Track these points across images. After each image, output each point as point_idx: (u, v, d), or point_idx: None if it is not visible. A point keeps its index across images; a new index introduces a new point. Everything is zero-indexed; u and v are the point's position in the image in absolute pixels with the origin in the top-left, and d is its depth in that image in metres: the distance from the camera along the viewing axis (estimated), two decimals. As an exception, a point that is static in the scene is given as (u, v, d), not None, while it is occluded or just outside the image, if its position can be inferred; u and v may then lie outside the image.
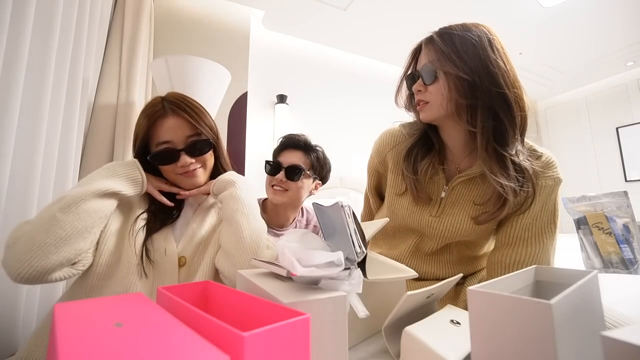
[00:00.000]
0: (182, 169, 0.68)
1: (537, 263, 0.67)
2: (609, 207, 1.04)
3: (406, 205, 0.77)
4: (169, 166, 0.69)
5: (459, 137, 0.71)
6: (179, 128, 0.68)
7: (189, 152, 0.68)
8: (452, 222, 0.72)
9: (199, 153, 0.70)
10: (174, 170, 0.69)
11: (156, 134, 0.68)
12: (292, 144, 1.10)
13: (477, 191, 0.71)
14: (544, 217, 0.69)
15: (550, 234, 0.69)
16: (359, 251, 0.44)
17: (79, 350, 0.19)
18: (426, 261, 0.80)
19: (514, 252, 0.69)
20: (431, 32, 0.71)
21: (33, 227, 0.52)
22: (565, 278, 0.39)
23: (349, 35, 2.62)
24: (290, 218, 1.14)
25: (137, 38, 1.52)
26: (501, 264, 0.69)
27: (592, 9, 2.36)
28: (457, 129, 0.71)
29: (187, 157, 0.68)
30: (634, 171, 3.33)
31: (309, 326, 0.26)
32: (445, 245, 0.77)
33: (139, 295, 0.32)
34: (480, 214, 0.69)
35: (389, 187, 0.82)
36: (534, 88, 3.72)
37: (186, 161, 0.67)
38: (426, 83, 0.69)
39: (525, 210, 0.68)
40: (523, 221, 0.69)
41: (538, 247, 0.68)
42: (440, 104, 0.67)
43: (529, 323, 0.27)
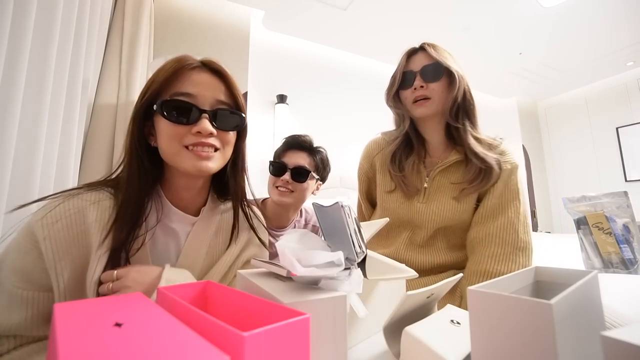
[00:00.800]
0: (196, 137, 0.50)
1: (504, 233, 0.77)
2: (609, 207, 1.04)
3: (396, 200, 0.87)
4: (179, 127, 0.50)
5: (439, 134, 0.85)
6: (211, 85, 0.53)
7: (214, 119, 0.52)
8: (437, 206, 0.82)
9: (225, 126, 0.53)
10: (183, 137, 0.50)
11: (178, 83, 0.51)
12: (297, 145, 1.10)
13: (454, 176, 0.83)
14: (507, 195, 0.80)
15: (514, 209, 0.79)
16: (359, 251, 0.44)
17: (79, 350, 0.19)
18: (420, 252, 0.86)
19: (485, 227, 0.79)
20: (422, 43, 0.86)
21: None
22: (565, 278, 0.39)
23: (349, 35, 2.62)
24: (290, 219, 1.14)
25: (137, 38, 1.52)
26: (476, 239, 0.80)
27: (592, 9, 2.36)
28: (439, 126, 0.84)
29: (208, 123, 0.50)
30: (634, 171, 3.33)
31: (309, 326, 0.26)
32: (435, 234, 0.85)
33: (139, 295, 0.32)
34: (459, 192, 0.81)
35: (379, 187, 0.92)
36: (534, 88, 3.72)
37: (206, 127, 0.50)
38: (431, 81, 0.79)
39: (490, 188, 0.80)
40: (491, 201, 0.80)
41: (504, 219, 0.78)
42: (440, 100, 0.80)
43: (529, 323, 0.27)
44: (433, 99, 0.79)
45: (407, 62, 0.85)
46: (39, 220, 0.45)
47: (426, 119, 0.84)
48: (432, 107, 0.80)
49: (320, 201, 0.56)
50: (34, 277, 0.45)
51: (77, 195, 0.49)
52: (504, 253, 0.74)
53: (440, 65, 0.79)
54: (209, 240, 0.58)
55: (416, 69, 0.82)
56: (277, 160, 1.09)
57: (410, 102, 0.83)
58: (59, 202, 0.47)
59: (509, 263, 0.73)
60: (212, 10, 2.10)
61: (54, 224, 0.45)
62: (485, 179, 0.78)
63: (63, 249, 0.45)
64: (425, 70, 0.80)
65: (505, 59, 3.02)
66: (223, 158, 0.55)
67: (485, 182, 0.78)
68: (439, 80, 0.79)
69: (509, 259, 0.73)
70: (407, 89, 0.83)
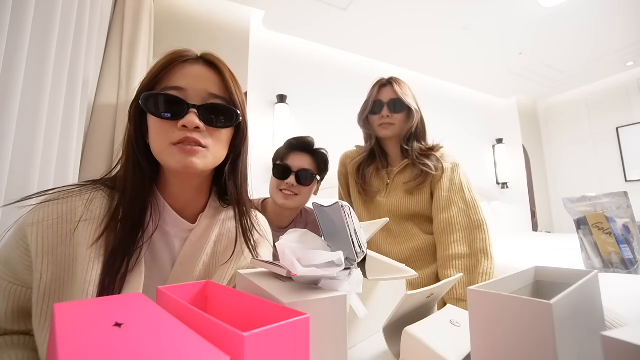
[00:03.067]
0: (181, 131, 0.47)
1: (459, 220, 0.94)
2: (609, 208, 1.04)
3: (363, 200, 1.12)
4: (165, 122, 0.47)
5: (397, 149, 1.10)
6: (202, 78, 0.50)
7: (202, 114, 0.48)
8: (395, 199, 1.05)
9: (215, 121, 0.49)
10: (169, 133, 0.47)
11: (169, 76, 0.49)
12: (300, 147, 1.09)
13: (406, 177, 1.05)
14: (453, 188, 0.99)
15: (462, 199, 0.97)
16: (359, 251, 0.44)
17: (79, 350, 0.19)
18: (398, 242, 1.05)
19: (443, 217, 0.97)
20: (389, 77, 1.11)
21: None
22: (565, 278, 0.39)
23: (349, 35, 2.62)
24: (291, 219, 1.14)
25: (137, 38, 1.52)
26: (439, 229, 0.97)
27: (592, 9, 2.36)
28: (397, 145, 1.10)
29: (196, 117, 0.47)
30: (634, 171, 3.33)
31: (308, 326, 0.26)
32: (405, 223, 1.05)
33: (139, 295, 0.32)
34: (409, 187, 1.03)
35: (352, 189, 1.17)
36: (534, 88, 3.72)
37: (192, 121, 0.46)
38: (395, 112, 1.04)
39: (438, 184, 1.01)
40: (441, 194, 0.99)
41: (456, 209, 0.96)
42: (400, 127, 1.06)
43: (529, 323, 0.27)
44: (395, 125, 1.05)
45: (378, 93, 1.09)
46: (30, 218, 0.45)
47: (388, 138, 1.09)
48: (394, 132, 1.06)
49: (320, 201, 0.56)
50: (18, 271, 0.46)
51: (70, 193, 0.48)
52: (464, 236, 0.92)
53: (403, 102, 1.03)
54: (208, 249, 0.55)
55: (385, 100, 1.06)
56: (281, 163, 1.09)
57: (377, 125, 1.07)
58: (51, 200, 0.46)
59: (470, 242, 0.90)
60: (212, 10, 2.10)
61: (43, 222, 0.45)
62: (424, 177, 1.01)
63: (49, 247, 0.44)
64: (391, 103, 1.04)
65: (505, 59, 3.02)
66: (212, 156, 0.51)
67: (424, 179, 1.01)
68: (400, 113, 1.05)
69: (469, 238, 0.91)
70: (375, 114, 1.07)
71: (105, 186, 0.51)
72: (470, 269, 0.87)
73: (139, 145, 0.51)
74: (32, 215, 0.45)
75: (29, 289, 0.46)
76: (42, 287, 0.44)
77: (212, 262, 0.56)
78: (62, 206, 0.46)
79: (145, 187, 0.50)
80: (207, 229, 0.56)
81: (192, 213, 0.56)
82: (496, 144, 3.79)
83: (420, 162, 1.03)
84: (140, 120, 0.51)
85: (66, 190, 0.48)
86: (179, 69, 0.50)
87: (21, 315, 0.46)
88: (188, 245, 0.53)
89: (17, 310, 0.46)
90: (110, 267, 0.45)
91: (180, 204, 0.55)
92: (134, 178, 0.49)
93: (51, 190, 0.48)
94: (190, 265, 0.53)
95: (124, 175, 0.50)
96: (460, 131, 3.53)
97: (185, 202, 0.55)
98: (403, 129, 1.06)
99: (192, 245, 0.54)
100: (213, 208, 0.58)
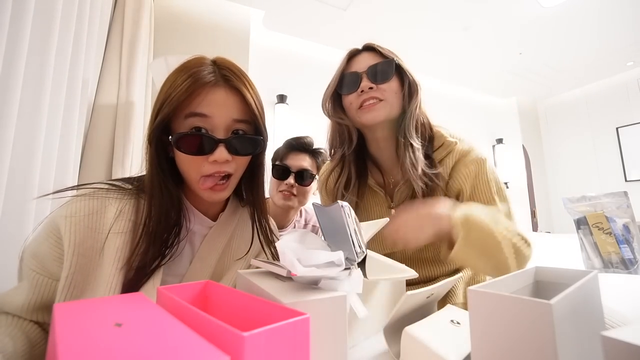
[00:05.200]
0: (212, 165, 0.49)
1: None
2: (609, 208, 1.04)
3: None
4: (194, 158, 0.49)
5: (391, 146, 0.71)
6: (226, 105, 0.50)
7: (230, 147, 0.49)
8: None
9: (242, 151, 0.51)
10: (200, 166, 0.49)
11: (192, 102, 0.48)
12: (299, 147, 1.09)
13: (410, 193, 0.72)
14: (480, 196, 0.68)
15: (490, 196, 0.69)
16: (359, 251, 0.44)
17: (79, 350, 0.19)
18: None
19: None
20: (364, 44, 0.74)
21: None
22: (565, 278, 0.39)
23: (349, 35, 2.62)
24: (291, 219, 1.14)
25: (137, 38, 1.52)
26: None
27: (592, 9, 2.36)
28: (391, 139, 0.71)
29: (225, 152, 0.49)
30: (634, 171, 3.33)
31: (308, 326, 0.26)
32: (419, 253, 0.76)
33: (139, 295, 0.32)
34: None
35: None
36: (534, 88, 3.72)
37: (222, 156, 0.48)
38: (379, 81, 0.67)
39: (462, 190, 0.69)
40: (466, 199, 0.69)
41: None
42: (394, 104, 0.68)
43: (529, 323, 0.27)
44: (386, 100, 0.67)
45: (348, 64, 0.72)
46: (63, 211, 0.48)
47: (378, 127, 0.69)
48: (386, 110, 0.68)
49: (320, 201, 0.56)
50: (47, 263, 0.47)
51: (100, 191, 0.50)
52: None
53: (389, 63, 0.68)
54: (223, 246, 0.58)
55: (360, 70, 0.70)
56: (280, 164, 1.08)
57: (355, 108, 0.69)
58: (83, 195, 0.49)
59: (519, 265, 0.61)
60: (212, 10, 2.10)
61: (76, 215, 0.47)
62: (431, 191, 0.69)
63: (80, 239, 0.47)
64: (371, 70, 0.68)
65: (505, 59, 3.02)
66: (235, 180, 0.54)
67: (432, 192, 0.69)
68: (387, 82, 0.67)
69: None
70: (350, 94, 0.70)
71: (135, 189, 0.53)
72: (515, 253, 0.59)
73: (163, 165, 0.51)
74: (66, 208, 0.48)
75: (55, 281, 0.47)
76: (69, 277, 0.46)
77: (227, 257, 0.58)
78: (93, 202, 0.49)
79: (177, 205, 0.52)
80: (225, 226, 0.59)
81: (214, 212, 0.59)
82: (496, 144, 3.80)
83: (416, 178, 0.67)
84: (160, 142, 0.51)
85: (97, 188, 0.50)
86: (202, 94, 0.49)
87: (41, 307, 0.48)
88: (207, 241, 0.56)
89: (40, 302, 0.48)
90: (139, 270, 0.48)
91: (205, 206, 0.58)
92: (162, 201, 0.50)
93: (83, 186, 0.51)
94: (208, 259, 0.56)
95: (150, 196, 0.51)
96: (460, 131, 3.52)
97: (209, 204, 0.58)
98: (398, 108, 0.69)
99: (212, 241, 0.56)
100: (233, 207, 0.61)
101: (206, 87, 0.49)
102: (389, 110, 0.68)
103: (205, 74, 0.49)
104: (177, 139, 0.48)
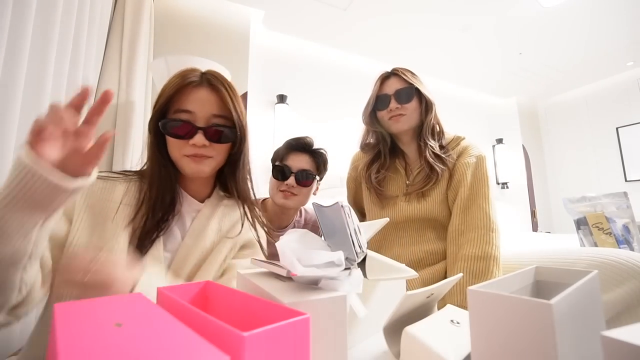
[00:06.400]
0: (192, 148, 0.60)
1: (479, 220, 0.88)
2: (608, 208, 1.04)
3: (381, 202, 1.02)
4: (178, 141, 0.61)
5: (414, 145, 1.01)
6: (207, 101, 0.61)
7: (207, 134, 0.61)
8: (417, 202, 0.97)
9: (217, 139, 0.62)
10: (182, 148, 0.61)
11: (180, 100, 0.61)
12: (300, 147, 1.09)
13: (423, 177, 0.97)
14: (477, 185, 0.92)
15: (484, 196, 0.91)
16: (359, 251, 0.44)
17: (79, 350, 0.19)
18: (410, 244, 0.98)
19: (460, 215, 0.91)
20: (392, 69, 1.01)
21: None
22: (565, 278, 0.39)
23: (349, 35, 2.62)
24: (291, 219, 1.14)
25: (137, 38, 1.52)
26: (458, 230, 0.90)
27: (592, 9, 2.36)
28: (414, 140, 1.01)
29: (203, 137, 0.60)
30: (634, 171, 3.33)
31: (308, 326, 0.26)
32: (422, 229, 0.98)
33: (139, 295, 0.32)
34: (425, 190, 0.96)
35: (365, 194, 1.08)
36: (534, 88, 3.72)
37: (199, 141, 0.59)
38: (403, 102, 0.95)
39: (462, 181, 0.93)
40: (464, 192, 0.92)
41: (476, 208, 0.90)
42: (414, 118, 0.97)
43: (529, 323, 0.27)
44: (407, 115, 0.96)
45: (381, 87, 1.00)
46: None
47: (403, 133, 0.99)
48: (408, 122, 0.96)
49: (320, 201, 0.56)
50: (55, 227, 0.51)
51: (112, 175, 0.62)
52: (479, 236, 0.86)
53: (411, 89, 0.95)
54: (211, 224, 0.66)
55: (390, 92, 0.97)
56: (280, 164, 1.08)
57: (386, 119, 0.98)
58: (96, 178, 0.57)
59: (484, 245, 0.85)
60: (212, 10, 2.10)
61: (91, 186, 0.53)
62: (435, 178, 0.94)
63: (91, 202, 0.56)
64: (398, 93, 0.95)
65: (505, 59, 3.02)
66: (216, 163, 0.65)
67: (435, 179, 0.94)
68: (411, 102, 0.95)
69: (484, 240, 0.85)
70: (383, 110, 0.98)
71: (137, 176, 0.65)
72: (479, 274, 0.82)
73: (162, 151, 0.64)
74: None
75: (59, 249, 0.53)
76: (76, 235, 0.54)
77: (216, 236, 0.66)
78: (104, 182, 0.60)
79: (172, 184, 0.64)
80: (213, 208, 0.68)
81: (201, 198, 0.69)
82: (496, 144, 3.80)
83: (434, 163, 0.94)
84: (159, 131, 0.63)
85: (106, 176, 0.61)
86: (187, 93, 0.61)
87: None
88: (197, 221, 0.65)
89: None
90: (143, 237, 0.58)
91: (193, 191, 0.68)
92: (160, 178, 0.62)
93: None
94: (198, 236, 0.64)
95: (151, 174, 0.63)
96: (460, 131, 3.51)
97: (196, 189, 0.68)
98: (418, 120, 0.96)
99: (200, 221, 0.65)
100: (218, 195, 0.71)
101: (191, 86, 0.61)
102: (410, 122, 0.97)
103: (191, 77, 0.62)
104: (164, 125, 0.61)
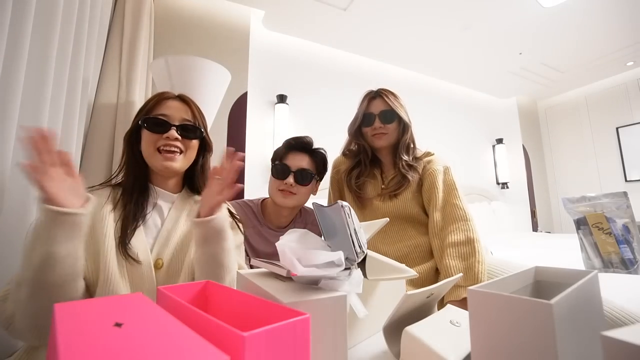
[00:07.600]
0: (165, 141, 0.72)
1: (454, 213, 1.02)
2: (608, 208, 1.04)
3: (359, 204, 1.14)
4: (154, 135, 0.72)
5: (390, 157, 1.15)
6: (179, 109, 0.76)
7: (179, 130, 0.74)
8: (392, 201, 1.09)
9: (186, 135, 0.75)
10: (157, 141, 0.72)
11: (158, 108, 0.76)
12: (299, 147, 1.09)
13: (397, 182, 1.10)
14: (447, 187, 1.07)
15: (455, 195, 1.05)
16: (359, 251, 0.44)
17: (79, 350, 0.19)
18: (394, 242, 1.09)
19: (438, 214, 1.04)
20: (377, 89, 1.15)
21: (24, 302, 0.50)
22: (565, 278, 0.39)
23: (349, 35, 2.62)
24: (290, 218, 1.14)
25: (137, 38, 1.52)
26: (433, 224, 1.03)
27: (592, 9, 2.36)
28: (390, 153, 1.15)
29: (174, 131, 0.73)
30: (634, 171, 3.33)
31: (309, 326, 0.26)
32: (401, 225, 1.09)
33: (139, 295, 0.32)
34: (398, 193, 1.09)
35: (346, 195, 1.17)
36: (534, 88, 3.72)
37: (172, 134, 0.72)
38: (385, 123, 1.09)
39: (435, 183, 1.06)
40: (438, 194, 1.05)
41: (451, 205, 1.03)
42: (394, 137, 1.11)
43: (529, 323, 0.27)
44: (389, 135, 1.10)
45: (368, 106, 1.13)
46: None
47: (383, 147, 1.13)
48: (389, 140, 1.10)
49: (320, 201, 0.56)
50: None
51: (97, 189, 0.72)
52: (459, 226, 0.99)
53: (394, 112, 1.08)
54: (187, 212, 0.76)
55: (375, 112, 1.10)
56: (279, 163, 1.08)
57: (370, 135, 1.11)
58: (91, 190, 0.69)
59: (465, 231, 0.98)
60: (212, 10, 2.10)
61: None
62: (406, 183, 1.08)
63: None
64: (382, 114, 1.09)
65: (505, 59, 3.02)
66: (186, 160, 0.76)
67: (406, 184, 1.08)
68: (393, 123, 1.09)
69: (464, 227, 0.99)
70: (368, 127, 1.11)
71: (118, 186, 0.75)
72: (466, 255, 0.94)
73: (137, 157, 0.75)
74: None
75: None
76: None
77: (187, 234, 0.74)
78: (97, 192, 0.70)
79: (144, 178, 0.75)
80: (185, 201, 0.79)
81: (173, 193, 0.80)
82: (496, 144, 3.80)
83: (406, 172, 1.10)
84: (135, 141, 0.76)
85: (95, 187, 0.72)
86: (164, 103, 0.76)
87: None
88: (173, 209, 0.75)
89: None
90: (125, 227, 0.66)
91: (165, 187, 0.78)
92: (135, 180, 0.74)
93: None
94: (175, 223, 0.73)
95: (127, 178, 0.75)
96: (461, 131, 3.53)
97: (169, 188, 0.79)
98: (396, 138, 1.11)
99: (177, 208, 0.76)
100: (187, 192, 0.81)
101: (167, 99, 0.77)
102: (390, 140, 1.11)
103: (166, 94, 0.78)
104: (144, 120, 0.73)
